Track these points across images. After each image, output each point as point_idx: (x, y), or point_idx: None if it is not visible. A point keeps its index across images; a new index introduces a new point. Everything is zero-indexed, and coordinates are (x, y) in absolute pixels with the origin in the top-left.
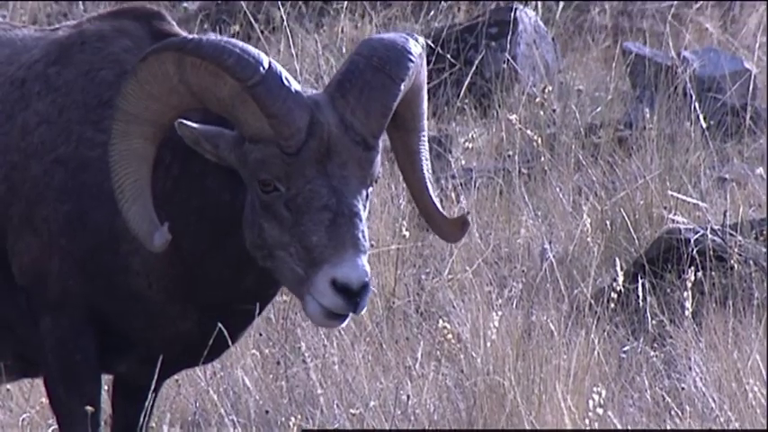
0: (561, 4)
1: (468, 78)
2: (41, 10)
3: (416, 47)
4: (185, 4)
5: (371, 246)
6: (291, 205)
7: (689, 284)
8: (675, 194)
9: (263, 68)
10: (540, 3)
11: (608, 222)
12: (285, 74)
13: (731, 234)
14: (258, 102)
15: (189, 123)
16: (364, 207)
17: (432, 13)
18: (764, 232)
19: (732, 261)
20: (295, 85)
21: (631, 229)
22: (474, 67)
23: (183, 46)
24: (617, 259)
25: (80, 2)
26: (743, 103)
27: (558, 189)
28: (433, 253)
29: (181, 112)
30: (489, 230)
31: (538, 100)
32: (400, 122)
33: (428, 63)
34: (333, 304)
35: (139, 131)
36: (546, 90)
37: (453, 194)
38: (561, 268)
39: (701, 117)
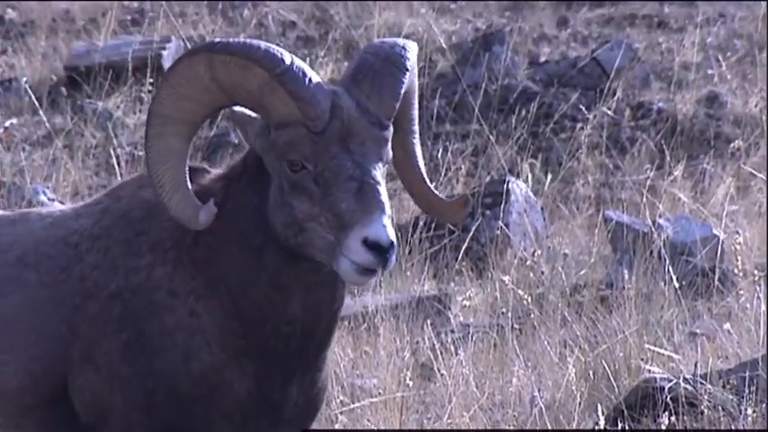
0: (549, 176)
1: (466, 243)
2: (82, 182)
3: (414, 48)
4: None
5: (378, 394)
6: (320, 180)
7: (663, 428)
8: (651, 347)
9: (287, 60)
10: (530, 176)
11: (591, 372)
12: (306, 66)
13: (701, 383)
14: (286, 87)
15: (234, 108)
16: (383, 180)
17: (433, 184)
18: (731, 381)
19: (702, 407)
20: (315, 76)
21: (612, 379)
22: (471, 234)
23: (213, 47)
24: (599, 405)
25: (118, 175)
26: (712, 265)
27: (546, 342)
28: (434, 400)
29: (212, 110)
30: (484, 380)
31: (528, 263)
32: (398, 126)
33: (429, 230)
34: (365, 260)
35: (175, 131)
36: (535, 254)
37: (452, 347)
38: (549, 413)
39: (675, 278)
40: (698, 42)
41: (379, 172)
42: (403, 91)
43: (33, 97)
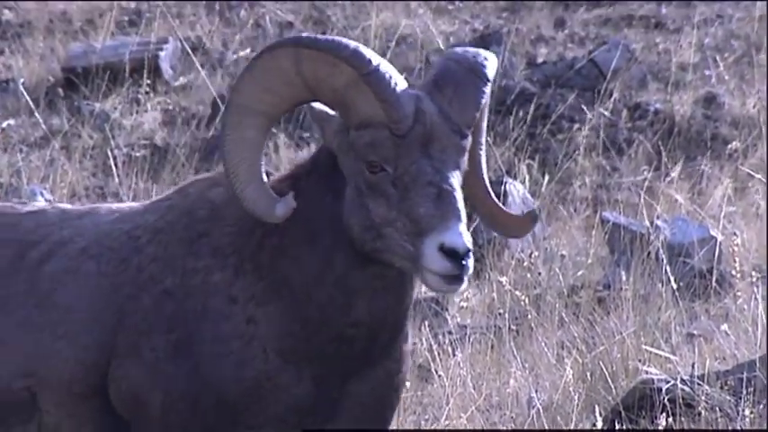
0: (546, 178)
1: None
2: (80, 183)
3: (495, 60)
4: None
5: None
6: (398, 183)
7: (661, 429)
8: (649, 348)
9: (375, 61)
10: (527, 177)
11: (588, 373)
12: (393, 69)
13: (699, 384)
14: (373, 88)
15: (313, 104)
16: (459, 188)
17: None
18: (728, 383)
19: (700, 408)
20: (401, 79)
21: (609, 380)
22: None
23: (300, 41)
24: (596, 406)
25: (115, 176)
26: (709, 266)
27: (543, 344)
28: (432, 401)
29: (292, 104)
30: (482, 381)
31: (525, 264)
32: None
33: None
34: (442, 268)
35: (252, 122)
36: (533, 255)
37: (450, 348)
38: (546, 414)
39: (672, 279)
40: (695, 43)
41: (457, 180)
42: (484, 102)
43: (30, 98)
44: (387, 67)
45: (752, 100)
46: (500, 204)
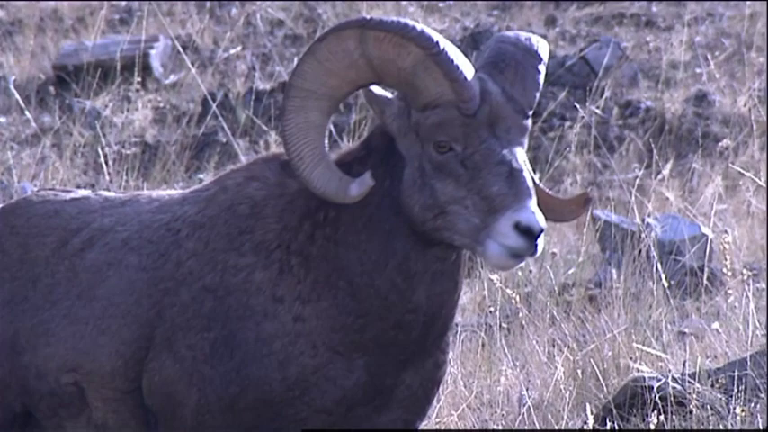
0: (538, 175)
1: None
2: (71, 181)
3: (545, 42)
4: (201, 176)
5: None
6: (468, 163)
7: (652, 427)
8: (640, 346)
9: (442, 41)
10: None
11: (579, 371)
12: (457, 50)
13: (690, 382)
14: (442, 67)
15: (371, 87)
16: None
17: None
18: (720, 381)
19: (691, 406)
20: (466, 61)
21: (600, 378)
22: None
23: (366, 23)
24: (587, 404)
25: (106, 174)
26: (700, 264)
27: (534, 342)
28: None
29: (356, 87)
30: (473, 379)
31: None
32: None
33: None
34: (517, 245)
35: (316, 105)
36: None
37: None
38: (537, 412)
39: (663, 277)
40: (686, 41)
41: (523, 159)
42: (542, 82)
43: (21, 96)
44: (453, 48)
45: (743, 98)
46: (547, 190)
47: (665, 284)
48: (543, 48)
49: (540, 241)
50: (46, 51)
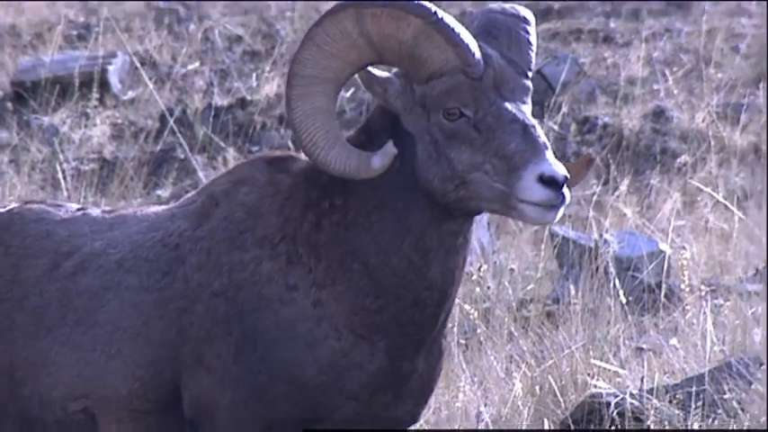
0: None
1: None
2: (28, 197)
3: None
4: (159, 192)
5: None
6: (481, 126)
7: None
8: (598, 363)
9: (438, 10)
10: None
11: (537, 387)
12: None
13: (648, 398)
14: (444, 33)
15: (369, 69)
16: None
17: None
18: (677, 396)
19: (649, 422)
20: (462, 27)
21: (558, 394)
22: None
23: (361, 1)
24: (545, 420)
25: (64, 189)
26: (658, 281)
27: (492, 358)
28: None
29: (358, 67)
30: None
31: (474, 278)
32: None
33: None
34: (544, 196)
35: (321, 90)
36: (482, 269)
37: None
38: (495, 429)
39: (621, 293)
40: (644, 57)
41: (531, 116)
42: (534, 43)
43: None
44: (450, 17)
45: (701, 114)
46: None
47: (623, 300)
48: (529, 13)
49: (567, 190)
50: (4, 67)
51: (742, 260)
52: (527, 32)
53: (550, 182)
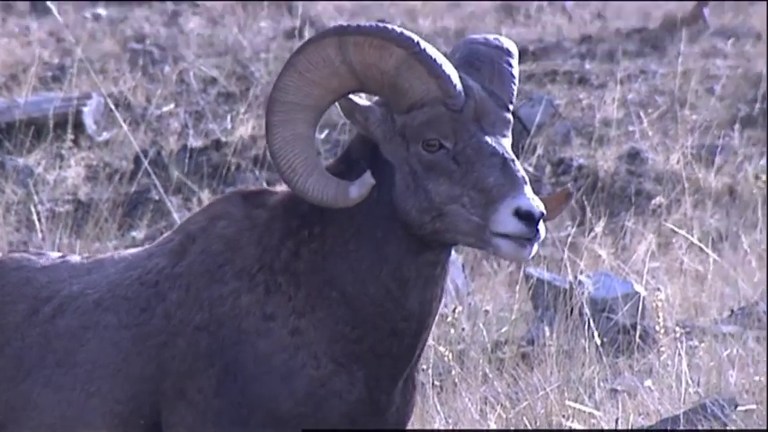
0: None
1: None
2: (3, 238)
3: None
4: (133, 233)
5: None
6: (460, 158)
7: None
8: (573, 404)
9: (421, 41)
10: None
11: (512, 429)
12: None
13: None
14: (425, 65)
15: (350, 96)
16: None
17: None
18: None
19: None
20: (445, 59)
21: None
22: None
23: (344, 29)
24: None
25: (39, 231)
26: (633, 322)
27: (467, 399)
28: None
29: (339, 95)
30: None
31: (449, 319)
32: None
33: None
34: (518, 230)
35: (301, 117)
36: (456, 311)
37: None
38: None
39: (596, 335)
40: (619, 98)
41: (511, 150)
42: (517, 76)
43: None
44: (432, 47)
45: (675, 155)
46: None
47: (598, 342)
48: (512, 45)
49: (542, 226)
50: None
51: (717, 302)
52: (510, 65)
53: (526, 216)
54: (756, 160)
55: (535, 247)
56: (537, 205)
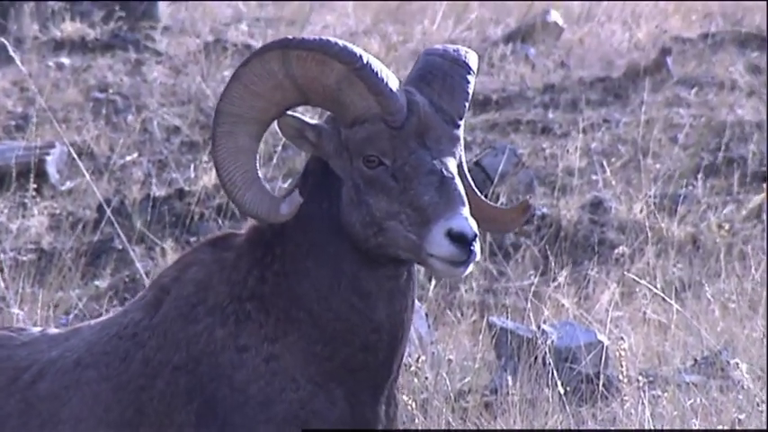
0: (433, 282)
1: None
2: None
3: (475, 55)
4: (97, 283)
5: None
6: (399, 175)
7: None
8: None
9: (364, 56)
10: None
11: None
12: (381, 63)
13: None
14: (366, 81)
15: (296, 114)
16: (457, 176)
17: None
18: None
19: None
20: (390, 74)
21: None
22: None
23: (288, 43)
24: None
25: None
26: (596, 371)
27: None
28: None
29: (283, 108)
30: None
31: (412, 369)
32: None
33: None
34: (449, 253)
35: (245, 130)
36: (419, 360)
37: None
38: None
39: (559, 384)
40: (582, 148)
41: (455, 168)
42: (471, 92)
43: None
44: (376, 62)
45: (639, 205)
46: (487, 200)
47: (561, 391)
48: (472, 58)
49: (476, 247)
50: None
51: (680, 351)
52: (464, 79)
53: (459, 238)
54: (720, 209)
55: (470, 266)
56: (471, 226)
